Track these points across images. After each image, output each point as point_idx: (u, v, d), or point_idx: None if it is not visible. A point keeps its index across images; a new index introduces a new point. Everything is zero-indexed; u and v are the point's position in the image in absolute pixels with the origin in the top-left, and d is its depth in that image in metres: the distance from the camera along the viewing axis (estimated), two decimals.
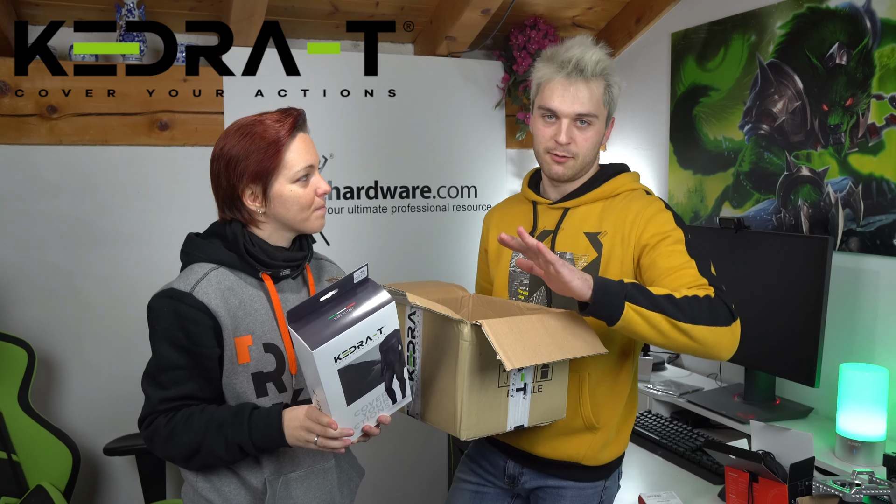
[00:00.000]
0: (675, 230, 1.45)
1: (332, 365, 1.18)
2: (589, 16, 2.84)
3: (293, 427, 1.25)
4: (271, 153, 1.31)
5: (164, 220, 2.52)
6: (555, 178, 1.53)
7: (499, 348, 1.21)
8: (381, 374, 1.24)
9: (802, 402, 2.13)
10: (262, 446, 1.28)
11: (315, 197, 1.36)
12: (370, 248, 2.75)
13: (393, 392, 1.27)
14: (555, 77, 1.48)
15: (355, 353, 1.19)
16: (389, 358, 1.24)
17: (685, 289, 1.35)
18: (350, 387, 1.21)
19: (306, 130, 1.38)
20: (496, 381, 1.32)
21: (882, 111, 1.93)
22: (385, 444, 2.81)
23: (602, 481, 1.58)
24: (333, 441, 1.23)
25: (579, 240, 1.51)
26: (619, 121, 2.96)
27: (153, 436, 1.31)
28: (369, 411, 1.26)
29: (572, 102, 1.46)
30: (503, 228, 1.66)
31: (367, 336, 1.21)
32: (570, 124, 1.48)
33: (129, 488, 2.56)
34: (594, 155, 1.53)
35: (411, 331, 1.40)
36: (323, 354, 1.16)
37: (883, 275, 1.96)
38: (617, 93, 1.52)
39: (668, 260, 1.41)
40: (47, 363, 2.44)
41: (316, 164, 1.37)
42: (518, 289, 1.58)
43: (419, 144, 2.80)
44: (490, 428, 1.34)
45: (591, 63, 1.46)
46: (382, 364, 1.23)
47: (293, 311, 1.19)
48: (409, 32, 2.81)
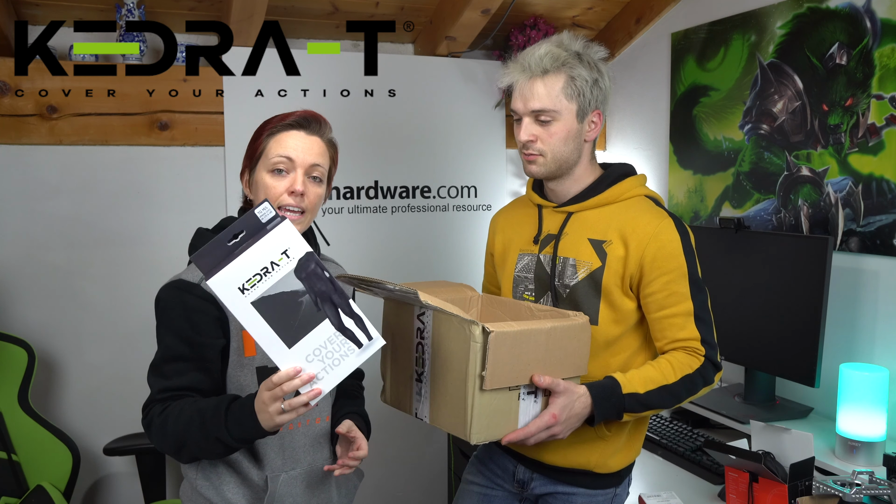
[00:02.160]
0: (680, 263, 1.45)
1: (241, 298, 1.09)
2: (589, 16, 2.84)
3: (261, 409, 1.17)
4: (258, 137, 1.37)
5: (164, 220, 2.51)
6: (532, 176, 1.55)
7: (489, 364, 1.24)
8: (316, 306, 1.12)
9: (802, 402, 2.13)
10: (240, 437, 1.22)
11: (285, 194, 1.33)
12: (370, 248, 2.75)
13: (350, 332, 1.14)
14: (518, 79, 1.49)
15: (264, 281, 1.10)
16: (318, 286, 1.12)
17: (679, 350, 1.46)
18: (281, 324, 1.11)
19: (313, 133, 1.37)
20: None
21: (882, 111, 1.93)
22: (385, 445, 2.81)
23: (613, 488, 1.57)
24: (298, 397, 1.13)
25: (583, 245, 1.50)
26: (618, 121, 2.96)
27: (149, 426, 1.30)
28: (328, 358, 1.13)
29: (527, 100, 1.47)
30: (509, 232, 1.65)
31: (271, 261, 1.11)
32: (530, 122, 1.48)
33: (129, 488, 2.56)
34: (569, 151, 1.49)
35: (420, 331, 1.37)
36: (222, 284, 1.07)
37: (883, 275, 1.96)
38: (585, 85, 1.46)
39: (667, 300, 1.45)
40: (47, 363, 2.44)
41: (299, 163, 1.34)
42: (524, 294, 1.58)
43: (419, 144, 2.80)
44: (500, 432, 1.33)
45: (536, 59, 1.46)
46: (312, 295, 1.12)
47: (202, 258, 1.10)
48: (409, 32, 2.81)
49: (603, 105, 1.51)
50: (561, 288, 1.51)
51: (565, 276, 1.51)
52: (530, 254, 1.58)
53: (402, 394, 1.44)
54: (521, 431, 1.34)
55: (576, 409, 1.37)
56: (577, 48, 1.49)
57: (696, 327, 1.45)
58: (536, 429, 1.34)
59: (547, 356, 1.33)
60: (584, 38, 1.52)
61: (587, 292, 1.48)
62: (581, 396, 1.38)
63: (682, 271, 1.45)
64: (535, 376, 1.32)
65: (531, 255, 1.57)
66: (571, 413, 1.36)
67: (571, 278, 1.50)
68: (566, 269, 1.51)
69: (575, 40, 1.50)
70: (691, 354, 1.46)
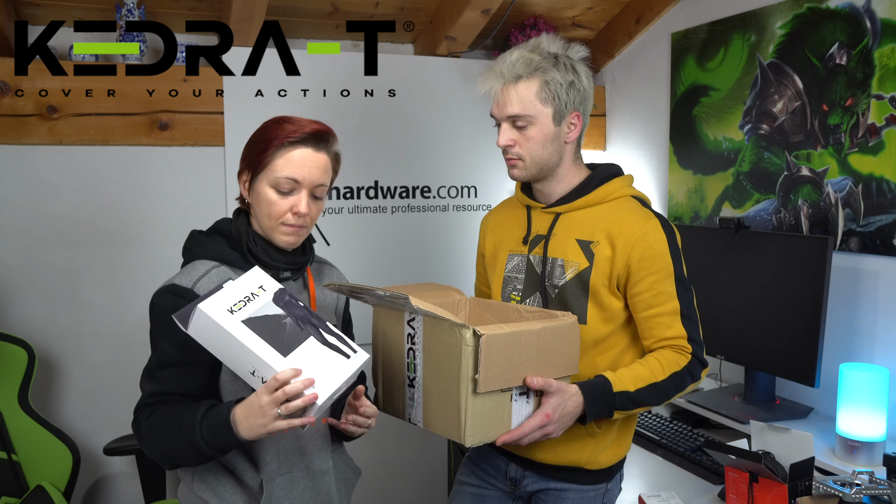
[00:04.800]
0: (667, 263, 1.47)
1: (231, 317, 1.16)
2: (589, 16, 2.84)
3: (248, 415, 1.17)
4: (263, 149, 1.33)
5: (164, 220, 2.51)
6: (515, 179, 1.57)
7: (482, 367, 1.25)
8: (299, 326, 1.21)
9: (802, 402, 2.13)
10: (214, 443, 1.21)
11: (289, 213, 1.33)
12: (370, 248, 2.75)
13: (334, 346, 1.23)
14: (493, 85, 1.50)
15: (248, 306, 1.19)
16: (296, 312, 1.22)
17: (667, 348, 1.48)
18: (272, 337, 1.17)
19: (322, 150, 1.35)
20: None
21: (882, 111, 1.93)
22: (384, 445, 2.81)
23: (604, 484, 1.58)
24: (295, 400, 1.14)
25: (571, 246, 1.52)
26: (618, 121, 2.96)
27: (138, 429, 1.30)
28: (320, 367, 1.19)
29: (502, 107, 1.49)
30: (498, 233, 1.67)
31: (251, 291, 1.22)
32: (507, 128, 1.49)
33: (129, 488, 2.56)
34: (548, 154, 1.50)
35: (411, 337, 1.38)
36: (212, 308, 1.15)
37: (883, 275, 1.96)
38: (559, 88, 1.45)
39: (654, 299, 1.47)
40: (47, 363, 2.44)
41: (305, 184, 1.33)
42: (511, 293, 1.59)
43: (419, 144, 2.80)
44: (494, 434, 1.34)
45: (508, 65, 1.46)
46: (293, 318, 1.21)
47: (181, 316, 1.18)
48: (409, 32, 2.81)
49: (582, 106, 1.51)
50: (550, 288, 1.53)
51: (554, 276, 1.52)
52: (520, 254, 1.59)
53: (395, 400, 1.45)
54: (515, 432, 1.35)
55: (568, 408, 1.39)
56: (554, 50, 1.49)
57: (682, 326, 1.48)
58: (530, 429, 1.36)
59: (538, 357, 1.34)
60: (563, 39, 1.52)
61: (575, 292, 1.50)
62: (573, 395, 1.40)
63: (669, 271, 1.47)
64: (528, 378, 1.33)
65: (521, 255, 1.59)
66: (564, 412, 1.38)
67: (560, 278, 1.52)
68: (555, 270, 1.53)
69: (554, 42, 1.50)
70: (679, 352, 1.48)
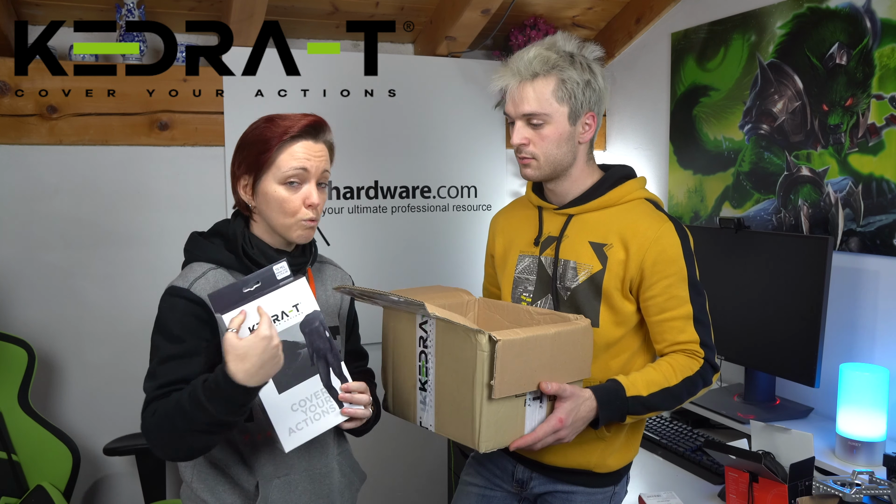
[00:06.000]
0: (680, 267, 1.45)
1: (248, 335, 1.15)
2: (589, 16, 2.84)
3: (243, 356, 1.13)
4: (263, 149, 1.32)
5: (164, 220, 2.51)
6: (527, 179, 1.55)
7: (497, 373, 1.24)
8: (311, 361, 1.21)
9: (802, 402, 2.13)
10: (216, 398, 1.15)
11: (303, 207, 1.33)
12: (370, 248, 2.75)
13: (335, 391, 1.25)
14: (509, 83, 1.49)
15: (276, 326, 1.18)
16: (317, 343, 1.21)
17: (679, 353, 1.47)
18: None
19: (319, 140, 1.35)
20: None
21: (882, 111, 1.93)
22: (385, 445, 2.81)
23: (612, 487, 1.57)
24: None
25: (584, 248, 1.50)
26: (618, 121, 2.96)
27: (146, 431, 1.26)
28: (311, 411, 1.22)
29: (517, 104, 1.47)
30: (509, 233, 1.65)
31: (282, 310, 1.21)
32: (522, 126, 1.48)
33: (129, 488, 2.56)
34: (562, 153, 1.48)
35: (423, 340, 1.37)
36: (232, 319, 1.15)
37: (883, 275, 1.96)
38: (576, 87, 1.44)
39: (667, 303, 1.46)
40: (47, 363, 2.44)
41: (313, 173, 1.33)
42: (521, 294, 1.58)
43: (419, 144, 2.80)
44: (508, 439, 1.33)
45: (525, 63, 1.45)
46: (311, 349, 1.21)
47: (217, 299, 1.16)
48: (409, 32, 2.81)
49: (597, 106, 1.49)
50: (562, 290, 1.51)
51: (566, 278, 1.51)
52: (531, 255, 1.58)
53: (406, 402, 1.44)
54: (528, 437, 1.34)
55: (581, 413, 1.37)
56: (570, 49, 1.48)
57: (695, 330, 1.46)
58: (544, 434, 1.34)
59: (552, 361, 1.33)
60: (578, 38, 1.51)
61: (588, 295, 1.49)
62: (586, 400, 1.38)
63: (682, 275, 1.45)
64: (543, 383, 1.32)
65: (532, 256, 1.57)
66: (577, 417, 1.37)
67: (572, 281, 1.50)
68: (567, 272, 1.51)
69: (569, 41, 1.49)
70: (691, 357, 1.46)
